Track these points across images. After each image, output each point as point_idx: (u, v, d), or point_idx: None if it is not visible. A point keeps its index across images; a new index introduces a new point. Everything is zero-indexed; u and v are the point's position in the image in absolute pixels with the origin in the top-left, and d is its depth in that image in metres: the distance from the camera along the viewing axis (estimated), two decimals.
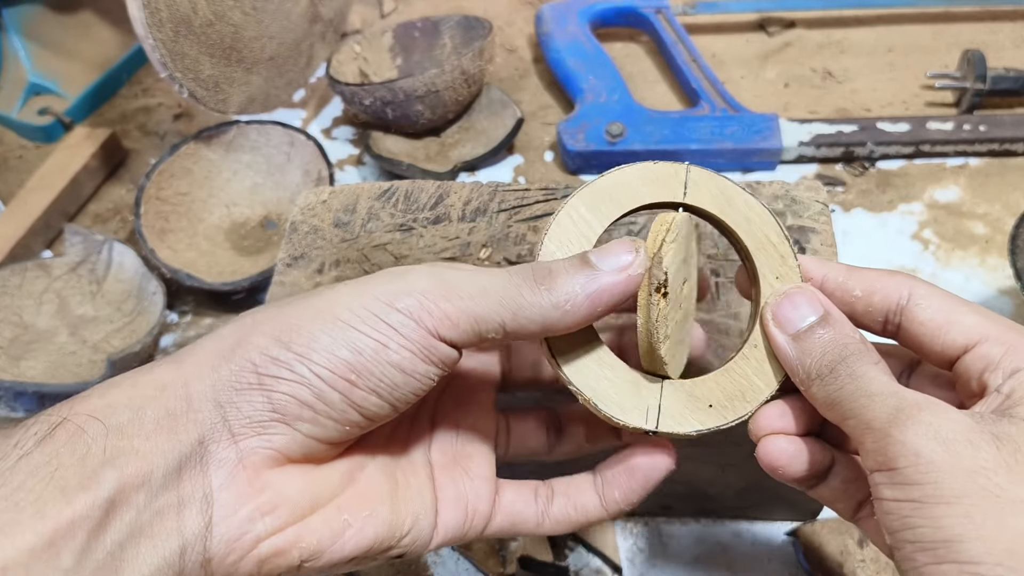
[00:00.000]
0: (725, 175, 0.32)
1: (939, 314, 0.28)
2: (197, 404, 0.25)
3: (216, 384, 0.25)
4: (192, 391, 0.25)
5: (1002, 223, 0.61)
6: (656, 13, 0.78)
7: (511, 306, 0.26)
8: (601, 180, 0.31)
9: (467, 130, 0.73)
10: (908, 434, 0.24)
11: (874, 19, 0.81)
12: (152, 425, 0.24)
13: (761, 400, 0.29)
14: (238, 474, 0.25)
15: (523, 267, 0.28)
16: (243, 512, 0.25)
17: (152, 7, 0.55)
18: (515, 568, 0.46)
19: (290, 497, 0.26)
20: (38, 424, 0.24)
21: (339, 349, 0.25)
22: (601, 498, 0.31)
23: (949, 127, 0.66)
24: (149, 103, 0.82)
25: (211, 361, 0.26)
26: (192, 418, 0.25)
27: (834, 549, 0.45)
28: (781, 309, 0.29)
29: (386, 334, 0.26)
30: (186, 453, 0.25)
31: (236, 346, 0.26)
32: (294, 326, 0.26)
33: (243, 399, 0.25)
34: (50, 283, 0.62)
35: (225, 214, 0.67)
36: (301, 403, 0.26)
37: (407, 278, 0.27)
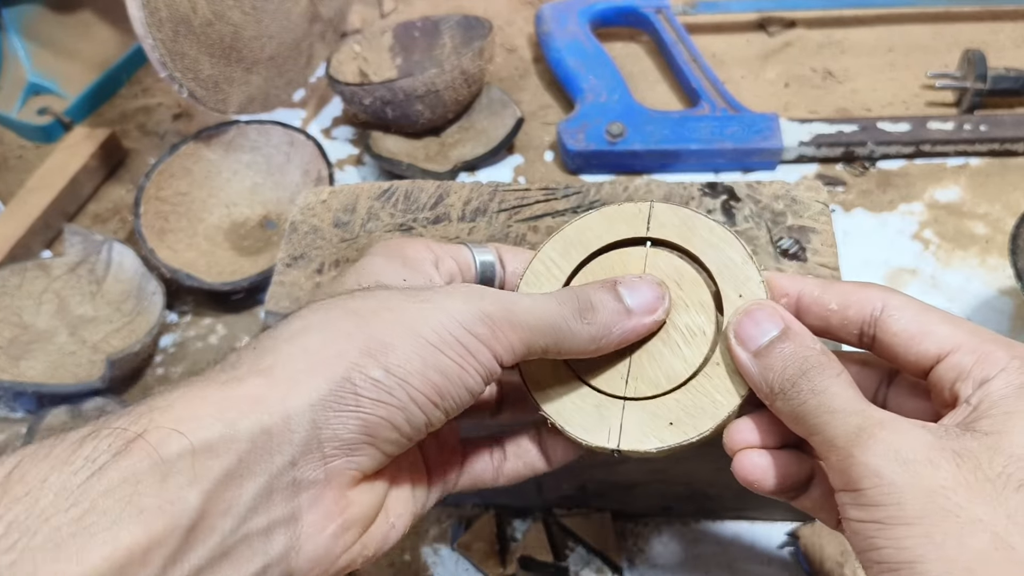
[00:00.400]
0: (693, 209, 0.33)
1: (912, 324, 0.28)
2: (295, 424, 0.24)
3: (314, 402, 0.25)
4: (290, 407, 0.24)
5: (1002, 223, 0.61)
6: (656, 13, 0.78)
7: (557, 336, 0.29)
8: (569, 227, 0.33)
9: (467, 130, 0.73)
10: (869, 455, 0.24)
11: (874, 19, 0.80)
12: (246, 443, 0.23)
13: (722, 416, 0.30)
14: (325, 494, 0.25)
15: (569, 295, 0.30)
16: (329, 531, 0.25)
17: (152, 7, 0.55)
18: (515, 568, 0.46)
19: (366, 511, 0.27)
20: (112, 435, 0.22)
21: (431, 373, 0.26)
22: (547, 457, 0.33)
23: (949, 127, 0.66)
24: (149, 103, 0.82)
25: (306, 375, 0.25)
26: (288, 438, 0.24)
27: (834, 550, 0.44)
28: (742, 326, 0.29)
29: (465, 359, 0.27)
30: (277, 475, 0.24)
31: (332, 361, 0.25)
32: (388, 344, 0.26)
33: (339, 421, 0.25)
34: (49, 283, 0.62)
35: (225, 214, 0.67)
36: (393, 426, 0.26)
37: (480, 304, 0.27)
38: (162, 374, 0.60)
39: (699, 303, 0.31)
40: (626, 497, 0.47)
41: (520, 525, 0.49)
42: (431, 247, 0.33)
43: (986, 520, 0.22)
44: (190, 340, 0.62)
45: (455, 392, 0.27)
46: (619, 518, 0.48)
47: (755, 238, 0.43)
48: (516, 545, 0.48)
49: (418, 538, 0.49)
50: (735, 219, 0.44)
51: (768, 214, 0.45)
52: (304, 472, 0.25)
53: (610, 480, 0.45)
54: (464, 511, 0.49)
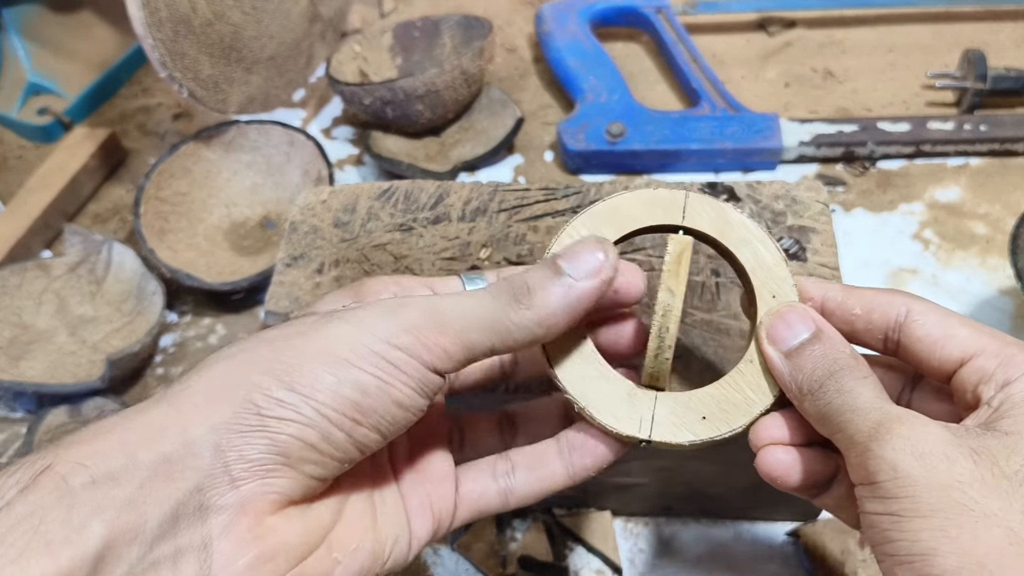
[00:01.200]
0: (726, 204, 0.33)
1: (935, 329, 0.28)
2: (197, 448, 0.24)
3: (216, 426, 0.24)
4: (191, 435, 0.24)
5: (1003, 223, 0.61)
6: (656, 13, 0.78)
7: (499, 329, 0.27)
8: (602, 204, 0.32)
9: (467, 130, 0.73)
10: (886, 449, 0.25)
11: (875, 19, 0.80)
12: (147, 472, 0.23)
13: (756, 413, 0.30)
14: (239, 521, 0.24)
15: (502, 285, 0.28)
16: (243, 561, 0.24)
17: (151, 7, 0.55)
18: (515, 568, 0.46)
19: (289, 542, 0.25)
20: (20, 471, 0.22)
21: (345, 389, 0.25)
22: (568, 466, 0.31)
23: (950, 127, 0.66)
24: (149, 103, 0.81)
25: (208, 402, 0.25)
26: (190, 464, 0.24)
27: (835, 549, 0.44)
28: (775, 327, 0.29)
29: (389, 372, 0.26)
30: (183, 501, 0.23)
31: (235, 386, 0.25)
32: (295, 365, 0.25)
33: (245, 442, 0.24)
34: (49, 283, 0.62)
35: (225, 214, 0.67)
36: (306, 445, 0.25)
37: (400, 314, 0.27)
38: (162, 374, 0.60)
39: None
40: (626, 497, 0.47)
41: (520, 525, 0.49)
42: (399, 281, 0.31)
43: (1001, 515, 0.23)
44: (190, 340, 0.62)
45: (380, 407, 0.26)
46: (619, 518, 0.48)
47: None
48: (516, 545, 0.48)
49: None
50: None
51: (768, 214, 0.45)
52: (211, 497, 0.24)
53: (610, 480, 0.45)
54: None
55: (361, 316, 0.26)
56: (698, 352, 0.39)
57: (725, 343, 0.39)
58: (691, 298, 0.41)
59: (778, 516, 0.47)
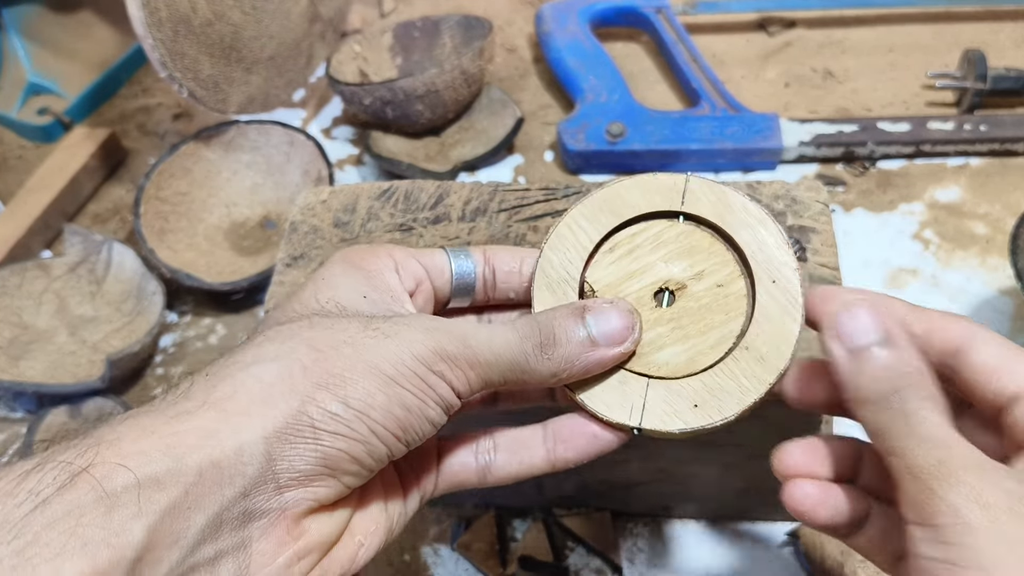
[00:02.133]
0: (727, 182, 0.32)
1: (993, 359, 0.26)
2: (247, 456, 0.24)
3: (268, 435, 0.25)
4: (243, 440, 0.24)
5: (1003, 223, 0.61)
6: (656, 13, 0.78)
7: (516, 370, 0.29)
8: (600, 191, 0.33)
9: (467, 130, 0.73)
10: (951, 493, 0.23)
11: (875, 19, 0.80)
12: (193, 476, 0.23)
13: (750, 402, 0.29)
14: (278, 523, 0.25)
15: (531, 327, 0.29)
16: (281, 559, 0.25)
17: (151, 7, 0.55)
18: (515, 568, 0.46)
19: (321, 540, 0.27)
20: (57, 468, 0.22)
21: (395, 408, 0.26)
22: (550, 454, 0.31)
23: (950, 127, 0.66)
24: (149, 103, 0.82)
25: (260, 409, 0.25)
26: (240, 471, 0.24)
27: (834, 549, 0.44)
28: (844, 322, 0.27)
29: (427, 394, 0.27)
30: (228, 506, 0.24)
31: (287, 394, 0.25)
32: (348, 380, 0.26)
33: (296, 453, 0.25)
34: (49, 283, 0.62)
35: (225, 214, 0.67)
36: (353, 459, 0.26)
37: (437, 338, 0.28)
38: (162, 374, 0.60)
39: (729, 283, 0.31)
40: (626, 497, 0.47)
41: (520, 525, 0.49)
42: (392, 254, 0.32)
43: None
44: (190, 340, 0.62)
45: (417, 424, 0.27)
46: (619, 518, 0.48)
47: None
48: (516, 545, 0.48)
49: (418, 538, 0.49)
50: None
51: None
52: (256, 503, 0.24)
53: (610, 480, 0.45)
54: (464, 511, 0.49)
55: (403, 334, 0.28)
56: None
57: None
58: None
59: (777, 516, 0.47)
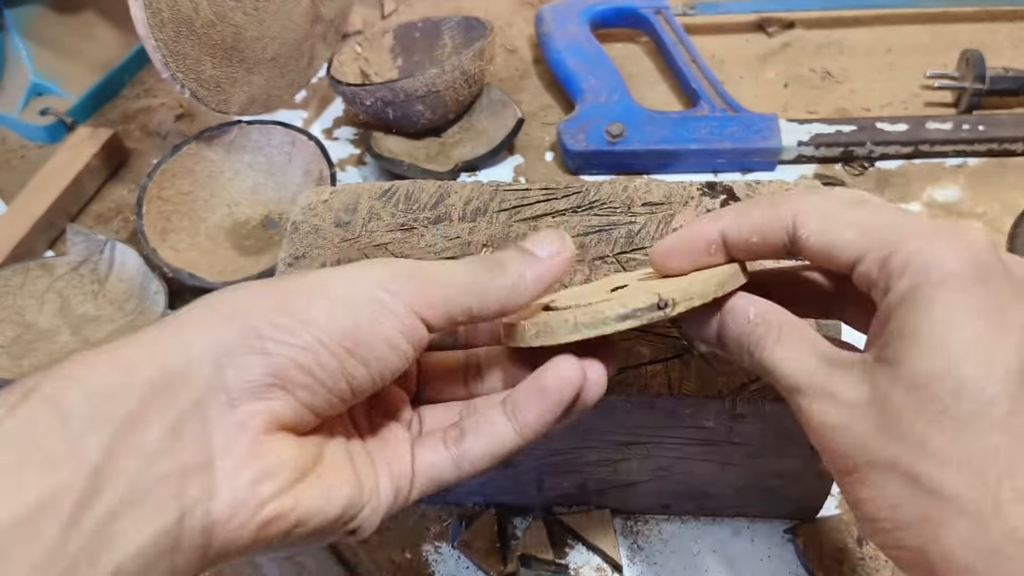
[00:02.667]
0: None
1: (819, 237, 0.27)
2: (197, 364, 0.24)
3: (217, 345, 0.25)
4: (192, 351, 0.25)
5: (1000, 222, 0.62)
6: (656, 14, 0.78)
7: (476, 290, 0.29)
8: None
9: (468, 130, 0.73)
10: (804, 403, 0.27)
11: (873, 19, 0.81)
12: (146, 385, 0.23)
13: (652, 301, 0.28)
14: (239, 440, 0.25)
15: (477, 258, 0.31)
16: (245, 476, 0.25)
17: (154, 8, 0.56)
18: (515, 566, 0.47)
19: (287, 462, 0.26)
20: (9, 393, 0.22)
21: (339, 318, 0.27)
22: (515, 424, 0.31)
23: (948, 127, 0.66)
24: (151, 103, 0.82)
25: (209, 324, 0.25)
26: (192, 378, 0.24)
27: (833, 547, 0.45)
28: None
29: (380, 311, 0.27)
30: (183, 416, 0.24)
31: (235, 313, 0.26)
32: (294, 296, 0.27)
33: (244, 362, 0.25)
34: (52, 282, 0.62)
35: (227, 214, 0.68)
36: (301, 368, 0.26)
37: (391, 266, 0.29)
38: None
39: None
40: (626, 495, 0.47)
41: (520, 523, 0.49)
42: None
43: (894, 460, 0.24)
44: None
45: (371, 342, 0.27)
46: (619, 516, 0.49)
47: None
48: (516, 543, 0.48)
49: (419, 536, 0.49)
50: None
51: None
52: (211, 413, 0.25)
53: (610, 478, 0.45)
54: (465, 510, 0.50)
55: (354, 266, 0.29)
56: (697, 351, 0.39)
57: None
58: None
59: (776, 514, 0.47)
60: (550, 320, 0.30)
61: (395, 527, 0.49)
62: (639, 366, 0.38)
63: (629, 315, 0.28)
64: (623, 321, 0.28)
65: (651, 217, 0.45)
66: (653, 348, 0.39)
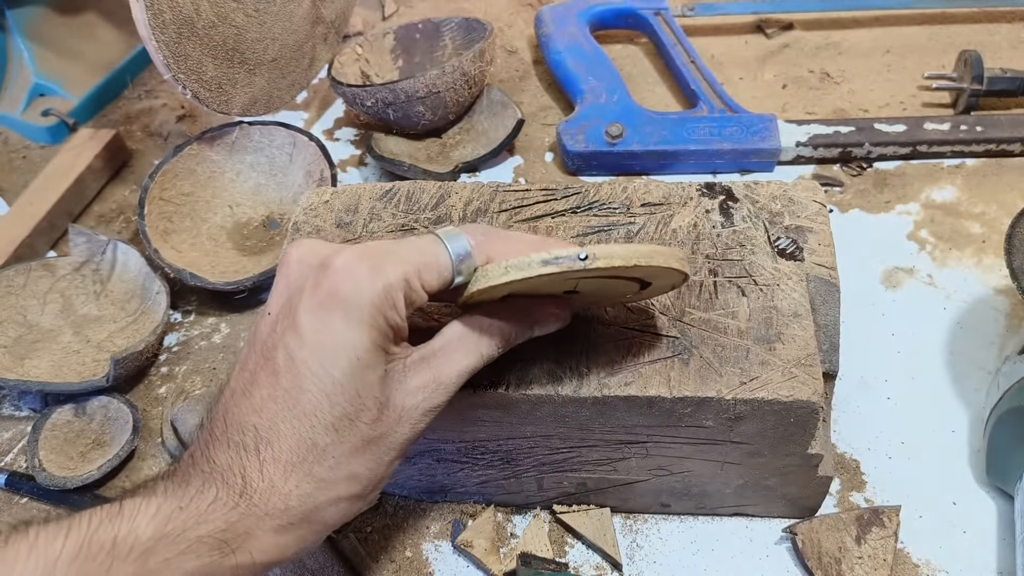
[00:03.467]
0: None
1: None
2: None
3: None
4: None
5: (998, 223, 0.62)
6: (655, 15, 0.78)
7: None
8: None
9: (468, 131, 0.73)
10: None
11: (871, 21, 0.81)
12: None
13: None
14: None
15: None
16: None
17: (155, 9, 0.56)
18: (515, 565, 0.47)
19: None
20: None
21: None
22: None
23: (946, 128, 0.66)
24: (153, 104, 0.82)
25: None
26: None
27: (831, 546, 0.45)
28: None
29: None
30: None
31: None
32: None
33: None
34: (54, 283, 0.63)
35: (228, 214, 0.68)
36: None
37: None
38: (166, 372, 0.60)
39: None
40: (625, 494, 0.47)
41: (520, 522, 0.49)
42: (388, 293, 0.33)
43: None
44: (194, 339, 0.62)
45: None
46: (619, 515, 0.49)
47: (752, 238, 0.44)
48: (516, 542, 0.48)
49: (419, 535, 0.49)
50: (733, 219, 0.45)
51: (766, 214, 0.45)
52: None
53: (610, 477, 0.46)
54: (465, 508, 0.50)
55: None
56: (697, 351, 0.39)
57: (723, 341, 0.39)
58: (689, 297, 0.41)
59: (774, 513, 0.47)
60: (488, 268, 0.33)
61: (395, 526, 0.49)
62: (638, 365, 0.39)
63: (551, 261, 0.32)
64: (545, 266, 0.32)
65: (650, 218, 0.45)
66: (653, 348, 0.39)
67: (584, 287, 0.36)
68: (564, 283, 0.35)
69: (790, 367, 0.38)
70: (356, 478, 0.33)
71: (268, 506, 0.32)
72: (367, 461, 0.33)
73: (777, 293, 0.41)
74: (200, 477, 0.32)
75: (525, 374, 0.39)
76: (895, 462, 0.49)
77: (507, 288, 0.34)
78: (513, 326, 0.36)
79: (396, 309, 0.33)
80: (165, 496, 0.31)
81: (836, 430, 0.51)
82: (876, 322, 0.57)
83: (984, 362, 0.53)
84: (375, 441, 0.33)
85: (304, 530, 0.33)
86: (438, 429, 0.43)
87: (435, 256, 0.34)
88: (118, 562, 0.28)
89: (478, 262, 0.34)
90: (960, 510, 0.47)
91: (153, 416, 0.57)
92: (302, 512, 0.32)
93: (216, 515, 0.31)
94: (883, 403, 0.52)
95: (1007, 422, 0.45)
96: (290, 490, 0.32)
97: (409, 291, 0.33)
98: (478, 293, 0.34)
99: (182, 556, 0.30)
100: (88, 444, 0.55)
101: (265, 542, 0.32)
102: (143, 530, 0.29)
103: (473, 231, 0.35)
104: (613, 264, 0.32)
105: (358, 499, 0.34)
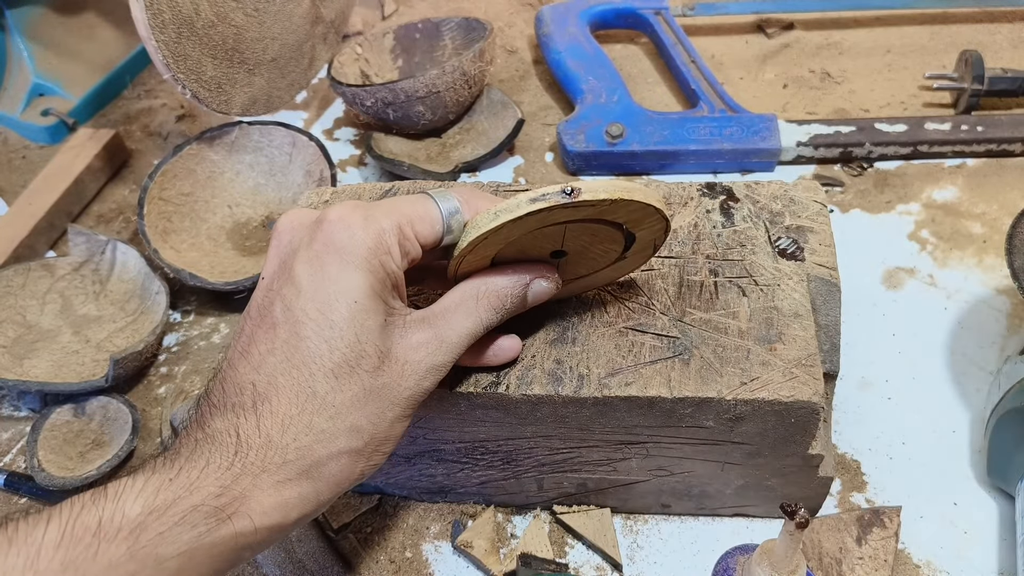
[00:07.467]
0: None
1: None
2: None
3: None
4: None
5: (999, 222, 0.62)
6: (655, 15, 0.78)
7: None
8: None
9: (468, 131, 0.73)
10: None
11: (872, 20, 0.81)
12: None
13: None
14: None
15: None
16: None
17: (155, 9, 0.56)
18: (516, 565, 0.47)
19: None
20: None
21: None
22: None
23: (947, 128, 0.66)
24: (152, 104, 0.82)
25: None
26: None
27: (832, 546, 0.45)
28: None
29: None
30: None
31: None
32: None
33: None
34: (53, 283, 0.63)
35: (228, 214, 0.68)
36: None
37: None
38: (166, 372, 0.60)
39: None
40: (626, 494, 0.47)
41: (520, 522, 0.49)
42: (382, 238, 0.34)
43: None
44: (193, 339, 0.62)
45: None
46: (619, 515, 0.49)
47: (753, 238, 0.44)
48: (516, 542, 0.48)
49: (419, 536, 0.49)
50: (734, 219, 0.45)
51: (766, 214, 0.45)
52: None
53: (610, 478, 0.45)
54: (465, 508, 0.50)
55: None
56: (697, 351, 0.39)
57: (723, 341, 0.39)
58: (689, 297, 0.41)
59: (775, 513, 0.47)
60: (478, 217, 0.34)
61: (395, 527, 0.49)
62: (639, 366, 0.39)
63: (538, 198, 0.32)
64: (533, 203, 0.32)
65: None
66: (653, 348, 0.39)
67: (570, 243, 0.36)
68: (551, 239, 0.36)
69: (791, 367, 0.38)
70: (357, 431, 0.32)
71: (265, 462, 0.30)
72: (368, 413, 0.32)
73: (778, 293, 0.41)
74: (190, 446, 0.31)
75: (525, 374, 0.39)
76: (896, 462, 0.49)
77: (498, 242, 0.34)
78: (507, 287, 0.36)
79: (391, 255, 0.33)
80: (154, 471, 0.30)
81: (837, 430, 0.51)
82: (877, 322, 0.57)
83: (985, 362, 0.53)
84: (377, 392, 0.32)
85: (305, 487, 0.31)
86: (438, 429, 0.43)
87: (426, 209, 0.35)
88: (105, 543, 0.27)
89: (466, 217, 0.35)
90: (961, 511, 0.47)
91: (152, 416, 0.57)
92: (301, 466, 0.31)
93: (209, 480, 0.29)
94: (884, 403, 0.52)
95: (1008, 422, 0.45)
96: (287, 443, 0.31)
97: (403, 239, 0.34)
98: (469, 249, 0.35)
99: (176, 528, 0.28)
100: (87, 444, 0.55)
101: (264, 503, 0.30)
102: (131, 507, 0.28)
103: (460, 190, 0.36)
104: (597, 197, 0.32)
105: (359, 456, 0.33)
